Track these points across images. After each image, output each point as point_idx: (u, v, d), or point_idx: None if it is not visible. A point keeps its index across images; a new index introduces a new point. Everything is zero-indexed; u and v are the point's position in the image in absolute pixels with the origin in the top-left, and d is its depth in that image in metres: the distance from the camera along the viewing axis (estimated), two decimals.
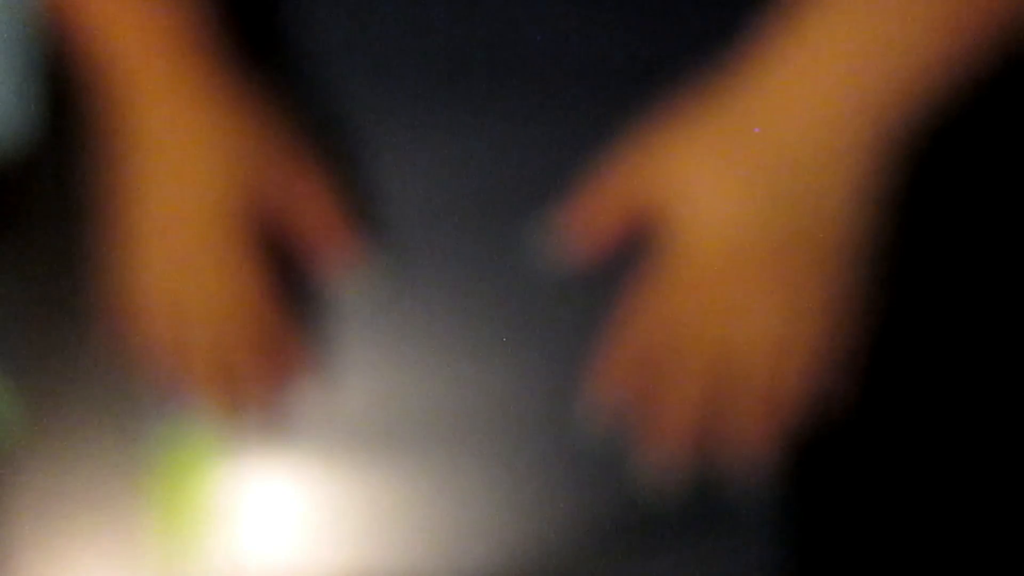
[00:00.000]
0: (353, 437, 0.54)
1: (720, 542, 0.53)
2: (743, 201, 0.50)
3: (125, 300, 0.54)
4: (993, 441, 0.54)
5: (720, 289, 0.50)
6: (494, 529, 0.53)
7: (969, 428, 0.54)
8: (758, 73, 0.51)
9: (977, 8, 0.49)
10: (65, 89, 0.58)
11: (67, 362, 0.56)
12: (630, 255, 0.54)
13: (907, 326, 0.55)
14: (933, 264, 0.55)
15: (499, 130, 0.55)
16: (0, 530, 0.56)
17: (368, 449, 0.54)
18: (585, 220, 0.53)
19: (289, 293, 0.54)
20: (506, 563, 0.53)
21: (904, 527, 0.54)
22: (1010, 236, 0.55)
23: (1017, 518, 0.54)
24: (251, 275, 0.53)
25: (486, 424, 0.54)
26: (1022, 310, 0.55)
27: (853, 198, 0.50)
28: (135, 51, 0.53)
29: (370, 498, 0.53)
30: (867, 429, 0.54)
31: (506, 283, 0.54)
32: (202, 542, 0.53)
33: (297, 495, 0.53)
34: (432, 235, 0.55)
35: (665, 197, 0.51)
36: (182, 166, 0.52)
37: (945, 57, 0.49)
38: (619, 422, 0.53)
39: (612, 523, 0.53)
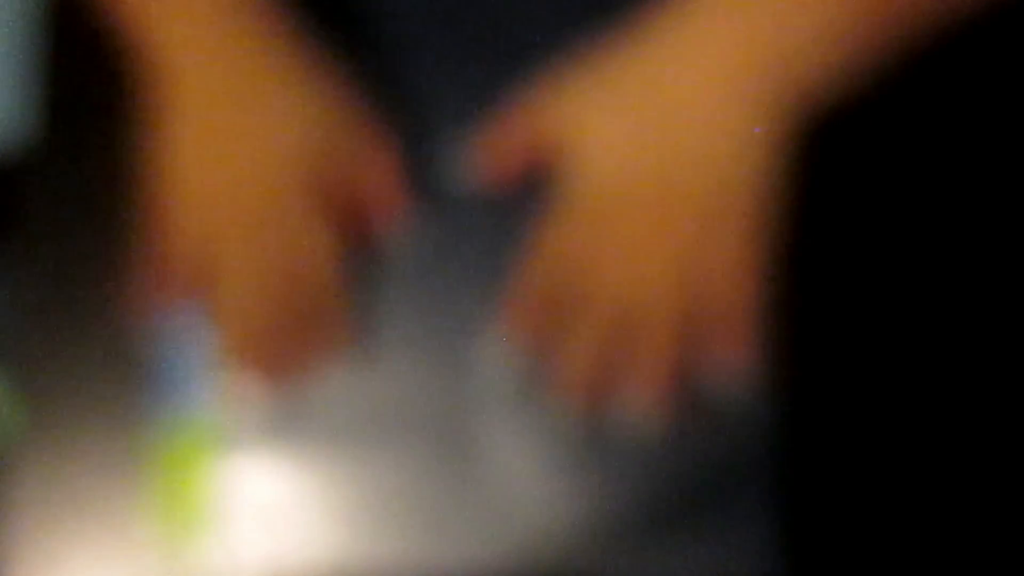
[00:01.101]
0: (351, 433, 0.54)
1: (713, 535, 0.53)
2: (636, 150, 0.52)
3: (172, 267, 0.54)
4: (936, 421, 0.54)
5: (613, 231, 0.52)
6: (496, 524, 0.53)
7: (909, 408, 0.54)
8: (664, 30, 0.52)
9: None
10: (67, 87, 0.58)
11: (68, 362, 0.56)
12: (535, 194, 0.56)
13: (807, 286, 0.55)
14: (827, 229, 0.56)
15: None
16: (0, 530, 0.56)
17: (367, 445, 0.54)
18: (494, 150, 0.55)
19: (345, 263, 0.54)
20: (506, 557, 0.53)
21: (899, 519, 0.54)
22: (907, 202, 0.56)
23: (1015, 508, 0.54)
24: (314, 241, 0.53)
25: (488, 421, 0.54)
26: (920, 274, 0.55)
27: (744, 157, 0.51)
28: (194, 14, 0.52)
29: (371, 491, 0.53)
30: (848, 418, 0.55)
31: None
32: (201, 540, 0.53)
33: (297, 491, 0.53)
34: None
35: (566, 139, 0.53)
36: (243, 129, 0.52)
37: (857, 32, 0.50)
38: (525, 362, 0.54)
39: (611, 516, 0.53)
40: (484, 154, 0.55)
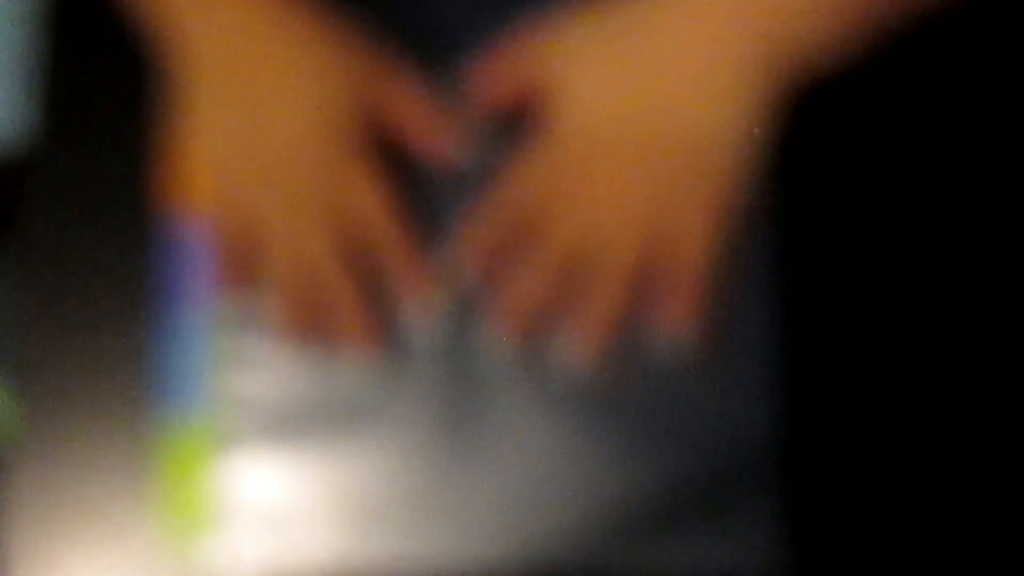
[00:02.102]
0: (351, 431, 0.54)
1: (718, 529, 0.53)
2: (620, 99, 0.52)
3: (221, 254, 0.53)
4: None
5: (585, 174, 0.52)
6: (498, 522, 0.53)
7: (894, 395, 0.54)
8: None
9: None
10: (67, 86, 0.58)
11: (68, 362, 0.55)
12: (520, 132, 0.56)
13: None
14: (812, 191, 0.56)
15: None
16: (0, 530, 0.56)
17: (368, 443, 0.54)
18: (485, 83, 0.55)
19: (400, 198, 0.54)
20: (509, 555, 0.53)
21: (903, 514, 0.54)
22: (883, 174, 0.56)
23: (1015, 505, 0.54)
24: (365, 184, 0.53)
25: (489, 418, 0.54)
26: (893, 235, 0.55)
27: (727, 118, 0.51)
28: None
29: (372, 490, 0.53)
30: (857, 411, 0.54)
31: None
32: (203, 540, 0.53)
33: (299, 490, 0.53)
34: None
35: (554, 80, 0.54)
36: (268, 95, 0.52)
37: (849, 3, 0.51)
38: (474, 291, 0.54)
39: (616, 511, 0.53)
40: (476, 85, 0.56)
